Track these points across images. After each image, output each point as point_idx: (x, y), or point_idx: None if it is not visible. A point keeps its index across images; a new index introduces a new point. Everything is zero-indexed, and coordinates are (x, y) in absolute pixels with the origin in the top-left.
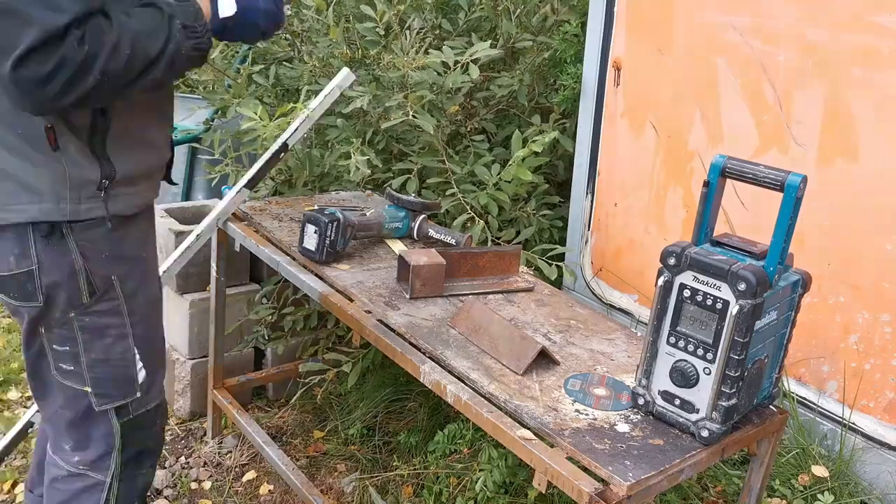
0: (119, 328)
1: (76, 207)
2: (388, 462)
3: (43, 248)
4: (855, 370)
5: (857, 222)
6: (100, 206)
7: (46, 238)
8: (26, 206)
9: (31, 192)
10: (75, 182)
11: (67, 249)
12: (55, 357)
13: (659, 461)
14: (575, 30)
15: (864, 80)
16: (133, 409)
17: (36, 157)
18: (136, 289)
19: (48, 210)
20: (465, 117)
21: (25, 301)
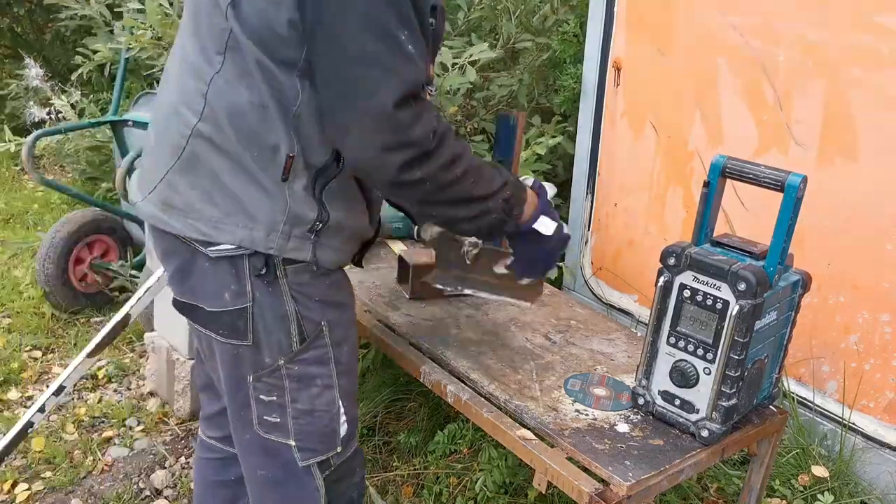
0: (325, 378)
1: (284, 243)
2: (388, 462)
3: (258, 286)
4: (855, 370)
5: (856, 222)
6: (306, 249)
7: (261, 277)
8: (238, 228)
9: (247, 216)
10: (292, 217)
11: (280, 291)
12: (260, 409)
13: (659, 461)
14: (575, 30)
15: (864, 80)
16: (333, 461)
17: (264, 183)
18: (343, 337)
19: (257, 238)
20: (464, 118)
21: (234, 339)
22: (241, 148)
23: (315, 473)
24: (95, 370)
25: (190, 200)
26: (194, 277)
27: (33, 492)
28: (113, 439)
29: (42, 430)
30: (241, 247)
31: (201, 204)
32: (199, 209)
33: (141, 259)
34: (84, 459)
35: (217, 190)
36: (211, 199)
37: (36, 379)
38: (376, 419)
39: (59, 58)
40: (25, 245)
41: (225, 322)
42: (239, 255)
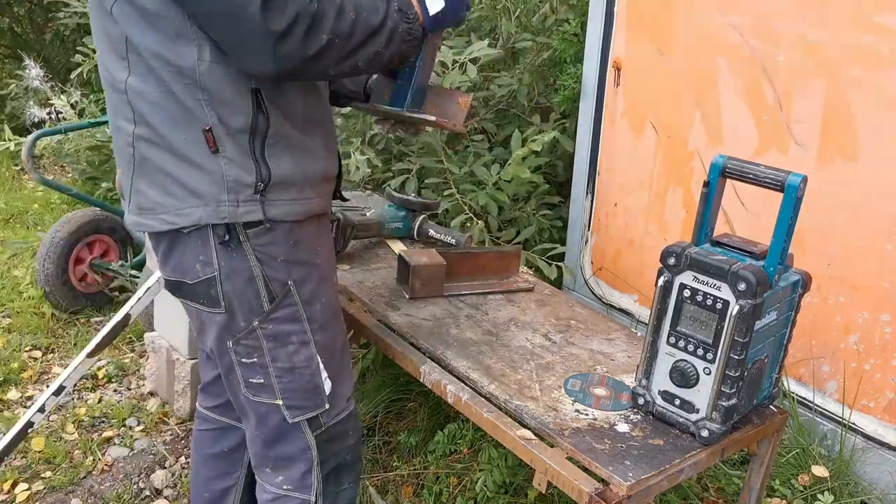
0: (300, 335)
1: (234, 210)
2: (388, 462)
3: (223, 253)
4: (855, 370)
5: (856, 222)
6: (257, 210)
7: (225, 244)
8: (194, 209)
9: (195, 195)
10: (231, 185)
11: (244, 255)
12: (244, 373)
13: (659, 461)
14: (575, 29)
15: (864, 80)
16: (324, 420)
17: (198, 161)
18: (312, 295)
19: (208, 214)
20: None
21: (211, 308)
22: (171, 137)
23: (305, 430)
24: (95, 370)
25: (153, 198)
26: (175, 256)
27: (33, 492)
28: (113, 439)
29: (42, 430)
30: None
31: (162, 198)
32: (162, 203)
33: (141, 259)
34: (84, 459)
35: (168, 181)
36: (167, 191)
37: (36, 379)
38: (376, 419)
39: (58, 57)
40: (25, 245)
41: (201, 292)
42: (204, 225)
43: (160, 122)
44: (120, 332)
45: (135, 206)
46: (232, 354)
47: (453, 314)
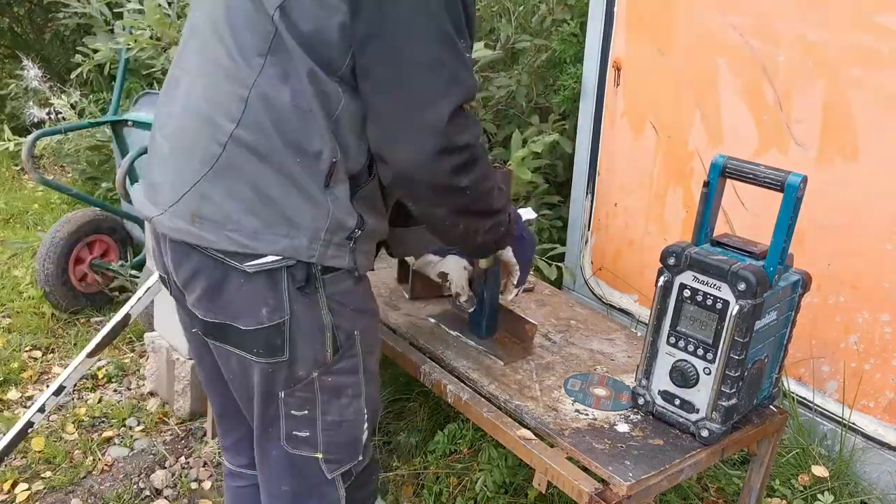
0: (355, 388)
1: (324, 251)
2: (388, 462)
3: (297, 298)
4: (855, 370)
5: (856, 222)
6: (344, 256)
7: (301, 290)
8: (279, 237)
9: (290, 224)
10: (333, 225)
11: (318, 303)
12: (290, 425)
13: (659, 461)
14: (574, 30)
15: (864, 80)
16: (355, 470)
17: (308, 190)
18: (372, 345)
19: (300, 247)
20: None
21: (269, 357)
22: (284, 154)
23: (338, 485)
24: (95, 370)
25: (227, 211)
26: (227, 295)
27: (33, 492)
28: (113, 439)
29: (42, 430)
30: (283, 257)
31: (240, 214)
32: (238, 220)
33: (141, 259)
34: (84, 459)
35: (258, 199)
36: (251, 209)
37: (36, 379)
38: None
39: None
40: (25, 245)
41: (261, 340)
42: (278, 267)
43: (279, 134)
44: (120, 332)
45: (188, 210)
46: (281, 406)
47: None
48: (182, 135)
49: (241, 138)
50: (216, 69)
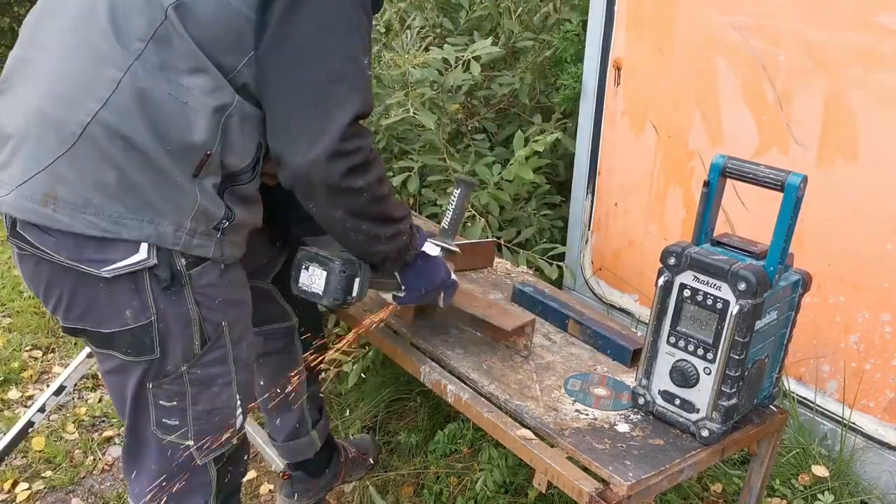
0: (225, 376)
1: (190, 240)
2: (388, 462)
3: (162, 297)
4: (855, 370)
5: (857, 222)
6: (210, 246)
7: (165, 289)
8: (143, 223)
9: (155, 211)
10: (199, 214)
11: (184, 299)
12: (159, 414)
13: (659, 461)
14: (576, 28)
15: (865, 79)
16: (227, 452)
17: (174, 178)
18: (242, 334)
19: (164, 234)
20: (465, 116)
21: (139, 356)
22: (152, 141)
23: (210, 468)
24: (95, 370)
25: (85, 194)
26: (84, 303)
27: (34, 491)
28: (113, 439)
29: (42, 430)
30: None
31: (102, 198)
32: (99, 203)
33: None
34: (84, 459)
35: (122, 184)
36: (114, 194)
37: (36, 378)
38: (376, 419)
39: None
40: None
41: (127, 341)
42: (140, 269)
43: (148, 121)
44: None
45: (40, 191)
46: (150, 396)
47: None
48: (35, 113)
49: (104, 120)
50: (84, 50)
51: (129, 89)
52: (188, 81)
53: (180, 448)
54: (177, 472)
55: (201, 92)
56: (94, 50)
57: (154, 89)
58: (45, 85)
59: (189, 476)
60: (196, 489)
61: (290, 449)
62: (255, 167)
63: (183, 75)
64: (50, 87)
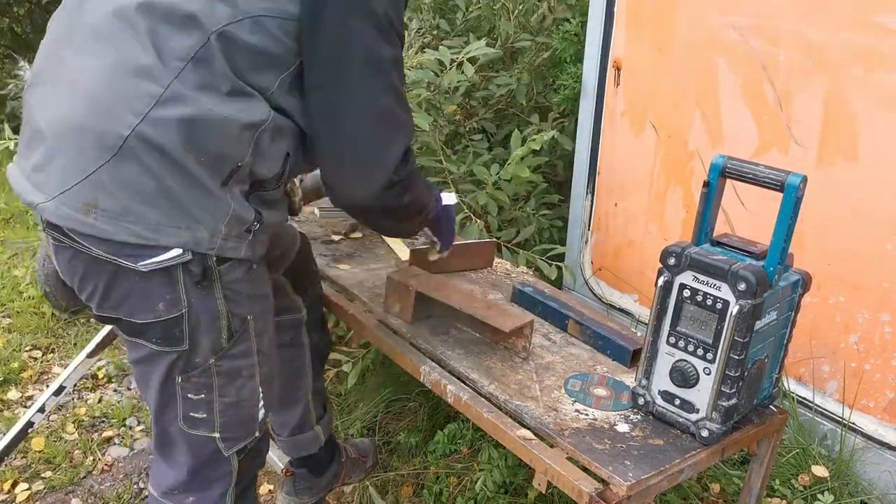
0: (249, 369)
1: (224, 244)
2: (388, 462)
3: (194, 292)
4: (855, 370)
5: (857, 222)
6: (242, 247)
7: (197, 283)
8: (181, 230)
9: (191, 218)
10: (233, 219)
11: (213, 293)
12: (186, 406)
13: (659, 461)
14: (575, 28)
15: (865, 79)
16: (249, 444)
17: (207, 185)
18: (264, 327)
19: (201, 240)
20: (464, 117)
21: (169, 346)
22: (186, 153)
23: (233, 458)
24: (95, 370)
25: (125, 203)
26: (119, 294)
27: (33, 491)
28: (113, 439)
29: (42, 430)
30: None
31: (139, 206)
32: (138, 212)
33: None
34: (84, 459)
35: (159, 192)
36: (152, 202)
37: (36, 379)
38: (376, 419)
39: None
40: (25, 245)
41: (158, 332)
42: (174, 265)
43: (183, 136)
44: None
45: (80, 200)
46: (178, 390)
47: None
48: (73, 120)
49: (143, 133)
50: (124, 62)
51: (168, 105)
52: (225, 101)
53: (207, 440)
54: (202, 465)
55: (237, 111)
56: (134, 63)
57: (191, 106)
58: (83, 92)
59: (213, 467)
60: (218, 479)
61: (295, 443)
62: (282, 176)
63: (221, 95)
64: (88, 96)
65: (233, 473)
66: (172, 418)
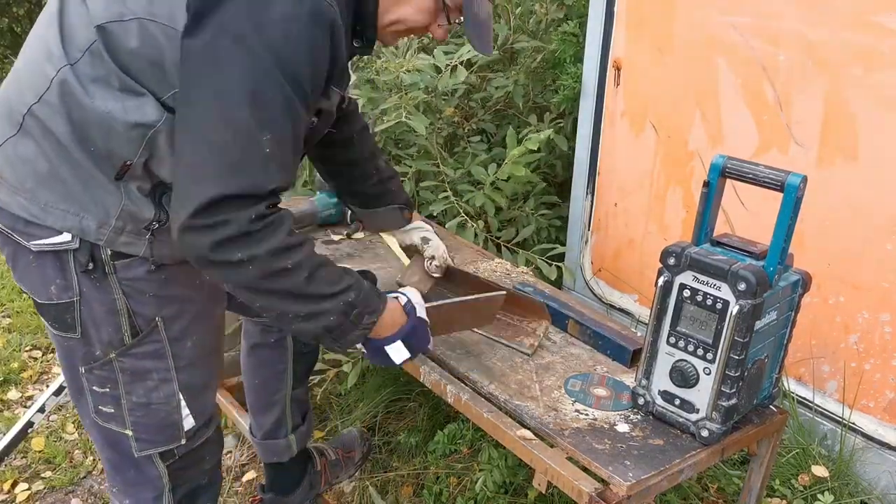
0: (162, 372)
1: (115, 237)
2: (388, 462)
3: (85, 281)
4: (855, 370)
5: (857, 222)
6: (140, 245)
7: (87, 273)
8: (68, 215)
9: (80, 206)
10: (125, 214)
11: (109, 287)
12: (95, 399)
13: (659, 461)
14: (574, 29)
15: (864, 79)
16: (178, 452)
17: (96, 178)
18: (183, 332)
19: (87, 228)
20: (462, 118)
21: (63, 332)
22: (74, 143)
23: (156, 462)
24: None
25: (22, 177)
26: (21, 270)
27: (33, 491)
28: None
29: (42, 430)
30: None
31: (33, 184)
32: (31, 189)
33: None
34: (84, 459)
35: (51, 174)
36: (45, 182)
37: (36, 379)
38: (376, 419)
39: None
40: None
41: (52, 315)
42: (63, 250)
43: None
44: None
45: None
46: (83, 381)
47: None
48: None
49: (36, 114)
50: (40, 48)
51: (58, 90)
52: (116, 97)
53: (119, 436)
54: (122, 463)
55: (125, 109)
56: (46, 49)
57: (81, 96)
58: (11, 75)
59: (136, 469)
60: (144, 483)
61: (266, 447)
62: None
63: (112, 90)
64: (16, 74)
65: (162, 479)
66: (86, 408)
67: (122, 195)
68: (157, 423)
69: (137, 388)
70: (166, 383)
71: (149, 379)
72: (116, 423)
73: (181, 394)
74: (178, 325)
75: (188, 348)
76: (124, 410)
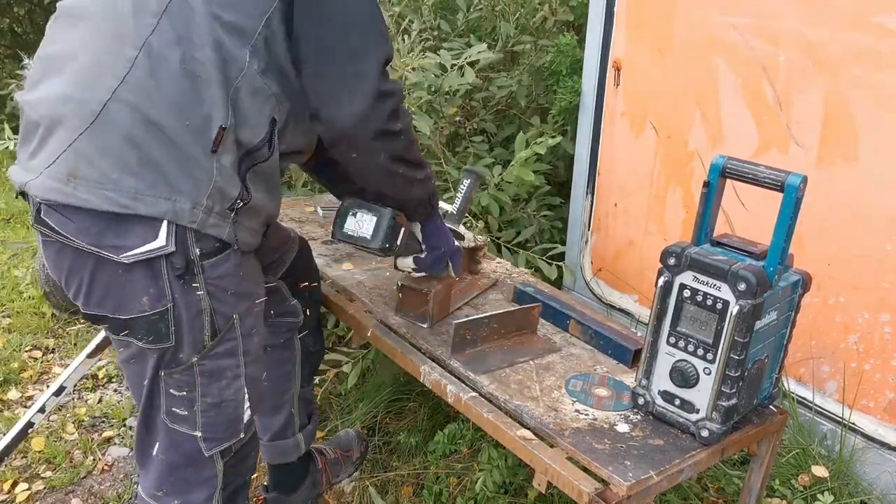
0: (234, 369)
1: (205, 219)
2: (388, 462)
3: (177, 286)
4: (855, 370)
5: (856, 222)
6: (224, 227)
7: (179, 277)
8: (160, 200)
9: (172, 188)
10: (216, 191)
11: (196, 288)
12: (169, 401)
13: (659, 461)
14: (571, 41)
15: (865, 80)
16: (235, 447)
17: (192, 153)
18: (252, 327)
19: (181, 211)
20: (464, 118)
21: (155, 343)
22: (169, 116)
23: (217, 460)
24: (95, 370)
25: (104, 169)
26: (103, 288)
27: (33, 492)
28: (113, 439)
29: (42, 430)
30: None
31: (119, 173)
32: (117, 179)
33: None
34: (84, 459)
35: (139, 159)
36: (131, 170)
37: (36, 379)
38: (376, 419)
39: None
40: (25, 245)
41: (143, 328)
42: (157, 256)
43: (164, 96)
44: None
45: (64, 171)
46: (161, 384)
47: (453, 314)
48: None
49: (123, 97)
50: (107, 34)
51: (144, 65)
52: (201, 55)
53: (188, 438)
54: (184, 464)
55: (212, 64)
56: (116, 32)
57: (167, 64)
58: (70, 73)
59: (195, 468)
60: (201, 482)
61: (274, 449)
62: (271, 142)
63: (196, 48)
64: (75, 73)
65: (217, 477)
66: (157, 411)
67: (213, 170)
68: (224, 420)
69: (213, 388)
70: (237, 379)
71: (223, 378)
72: (188, 425)
73: (246, 387)
74: (248, 320)
75: (255, 343)
76: (197, 413)
